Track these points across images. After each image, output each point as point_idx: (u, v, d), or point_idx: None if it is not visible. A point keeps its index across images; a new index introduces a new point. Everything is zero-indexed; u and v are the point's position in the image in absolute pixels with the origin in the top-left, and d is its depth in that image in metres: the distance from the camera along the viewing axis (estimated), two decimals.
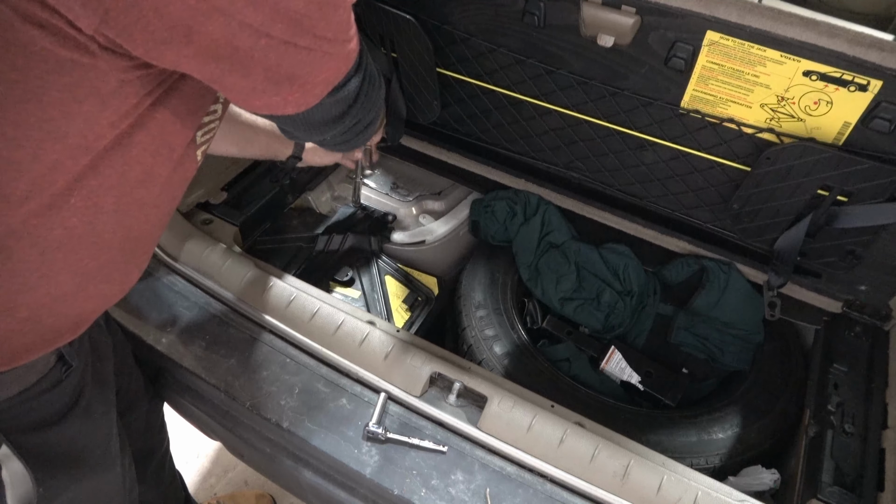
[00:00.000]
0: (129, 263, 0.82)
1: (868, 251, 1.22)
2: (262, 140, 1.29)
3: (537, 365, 1.34)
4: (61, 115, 0.61)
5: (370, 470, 0.98)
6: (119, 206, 0.73)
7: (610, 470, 0.97)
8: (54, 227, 0.68)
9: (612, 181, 1.43)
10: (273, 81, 0.66)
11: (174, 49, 0.59)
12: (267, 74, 0.65)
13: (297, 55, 0.65)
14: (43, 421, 0.82)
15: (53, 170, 0.64)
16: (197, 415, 1.22)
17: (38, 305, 0.72)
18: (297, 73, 0.67)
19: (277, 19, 0.59)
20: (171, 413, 1.35)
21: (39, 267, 0.69)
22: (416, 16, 1.31)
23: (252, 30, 0.59)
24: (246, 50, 0.61)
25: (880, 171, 1.08)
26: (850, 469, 1.05)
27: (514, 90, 1.38)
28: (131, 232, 0.78)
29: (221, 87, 0.68)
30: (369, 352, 1.10)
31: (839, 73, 1.00)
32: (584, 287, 1.52)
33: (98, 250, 0.75)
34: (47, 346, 0.78)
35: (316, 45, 0.65)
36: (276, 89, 0.68)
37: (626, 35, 1.12)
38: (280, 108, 0.72)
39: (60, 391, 0.84)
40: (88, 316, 0.83)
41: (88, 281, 0.76)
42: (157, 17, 0.55)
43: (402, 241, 1.64)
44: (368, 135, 0.95)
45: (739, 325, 1.42)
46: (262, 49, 0.61)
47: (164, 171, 0.76)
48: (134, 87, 0.64)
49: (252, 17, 0.58)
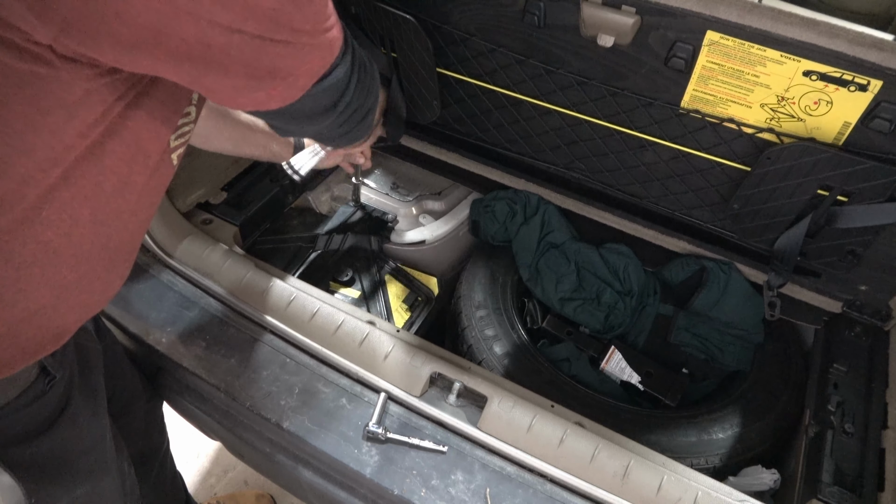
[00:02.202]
0: (109, 273, 0.81)
1: (868, 251, 1.22)
2: (258, 139, 1.27)
3: (537, 365, 1.34)
4: (26, 128, 0.60)
5: (370, 470, 0.98)
6: (96, 216, 0.72)
7: (610, 470, 0.97)
8: (28, 242, 0.66)
9: (612, 181, 1.43)
10: (254, 78, 0.65)
11: (145, 53, 0.58)
12: (247, 71, 0.64)
13: (275, 49, 0.63)
14: (29, 432, 0.81)
15: (23, 184, 0.63)
16: (197, 415, 1.22)
17: (17, 320, 0.71)
18: (278, 68, 0.66)
19: (249, 16, 0.58)
20: (171, 413, 1.35)
21: (15, 282, 0.68)
22: (416, 16, 1.30)
23: (223, 28, 0.58)
24: (220, 48, 0.59)
25: (880, 171, 1.08)
26: (850, 469, 1.05)
27: (514, 90, 1.38)
28: (110, 241, 0.76)
29: (201, 87, 0.66)
30: (369, 352, 1.10)
31: (839, 73, 1.00)
32: (584, 287, 1.52)
33: (76, 262, 0.73)
34: (28, 359, 0.76)
35: (294, 38, 0.64)
36: (257, 85, 0.67)
37: (626, 35, 1.12)
38: (264, 103, 0.71)
39: (45, 402, 0.82)
40: (70, 327, 0.81)
41: (68, 293, 0.75)
42: (120, 23, 0.54)
43: (402, 241, 1.64)
44: (367, 125, 0.94)
45: (739, 326, 1.42)
46: (237, 46, 0.60)
47: (141, 178, 0.75)
48: (101, 95, 0.63)
49: (221, 15, 0.57)
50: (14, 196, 0.63)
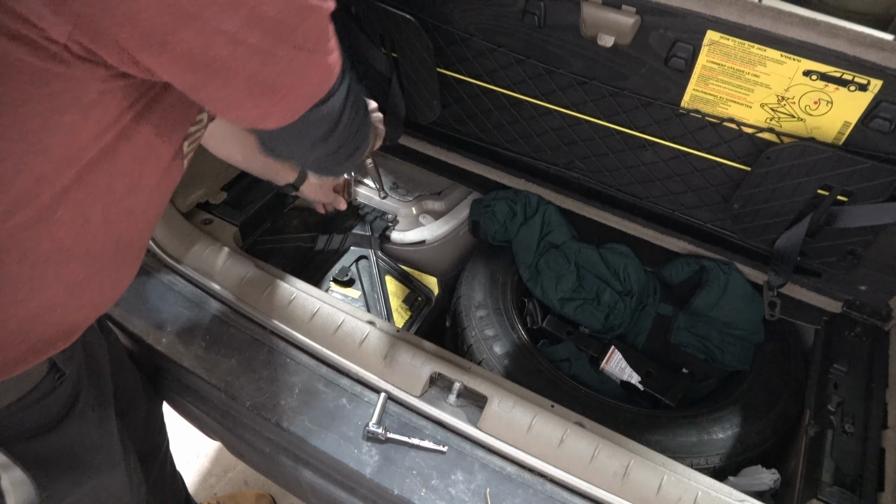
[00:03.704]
0: (119, 270, 0.82)
1: (868, 251, 1.22)
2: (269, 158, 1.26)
3: (537, 365, 1.34)
4: (43, 128, 0.60)
5: (370, 470, 0.98)
6: (107, 216, 0.73)
7: (610, 470, 0.97)
8: (42, 240, 0.67)
9: (612, 181, 1.43)
10: (253, 93, 0.65)
11: (150, 57, 0.58)
12: (247, 84, 0.64)
13: (277, 65, 0.64)
14: (40, 427, 0.82)
15: (39, 183, 0.63)
16: (197, 415, 1.22)
17: (30, 317, 0.72)
18: (278, 85, 0.66)
19: (254, 26, 0.59)
20: (171, 413, 1.35)
21: (29, 280, 0.69)
22: (416, 16, 1.31)
23: (228, 37, 0.58)
24: (223, 59, 0.60)
25: (880, 170, 1.08)
26: (850, 469, 1.05)
27: (514, 90, 1.38)
28: (121, 239, 0.77)
29: (201, 97, 0.66)
30: (369, 352, 1.10)
31: (839, 72, 1.00)
32: (584, 287, 1.52)
33: (88, 260, 0.74)
34: (39, 356, 0.77)
35: (295, 55, 0.64)
36: (256, 101, 0.67)
37: (626, 35, 1.12)
38: (261, 120, 0.71)
39: (55, 398, 0.83)
40: (81, 324, 0.82)
41: (80, 290, 0.76)
42: (130, 24, 0.54)
43: (402, 241, 1.64)
44: (352, 163, 0.93)
45: (739, 325, 1.42)
46: (240, 58, 0.60)
47: (152, 180, 0.76)
48: (115, 98, 0.63)
49: (227, 23, 0.57)
50: (29, 195, 0.64)
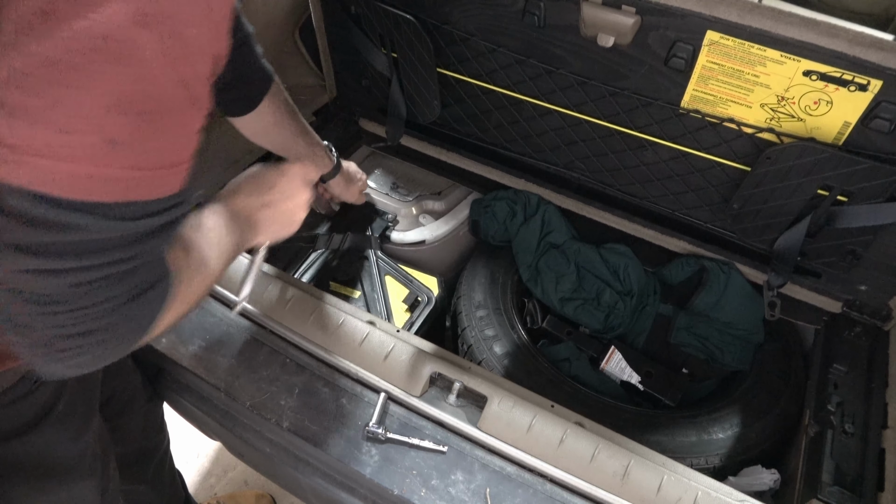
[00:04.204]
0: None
1: (868, 251, 1.22)
2: (300, 150, 1.17)
3: (537, 365, 1.34)
4: None
5: (370, 470, 0.98)
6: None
7: (610, 470, 0.97)
8: None
9: (612, 181, 1.43)
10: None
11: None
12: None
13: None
14: (9, 432, 0.80)
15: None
16: (197, 415, 1.22)
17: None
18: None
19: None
20: (171, 413, 1.35)
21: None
22: (416, 16, 1.31)
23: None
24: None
25: (880, 170, 1.08)
26: (850, 469, 1.05)
27: (514, 90, 1.38)
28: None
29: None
30: (369, 352, 1.10)
31: (839, 72, 1.00)
32: (584, 287, 1.52)
33: None
34: (12, 361, 0.75)
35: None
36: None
37: (626, 35, 1.12)
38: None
39: (31, 402, 0.81)
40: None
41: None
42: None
43: (402, 241, 1.64)
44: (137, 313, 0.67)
45: (739, 326, 1.42)
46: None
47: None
48: None
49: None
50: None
